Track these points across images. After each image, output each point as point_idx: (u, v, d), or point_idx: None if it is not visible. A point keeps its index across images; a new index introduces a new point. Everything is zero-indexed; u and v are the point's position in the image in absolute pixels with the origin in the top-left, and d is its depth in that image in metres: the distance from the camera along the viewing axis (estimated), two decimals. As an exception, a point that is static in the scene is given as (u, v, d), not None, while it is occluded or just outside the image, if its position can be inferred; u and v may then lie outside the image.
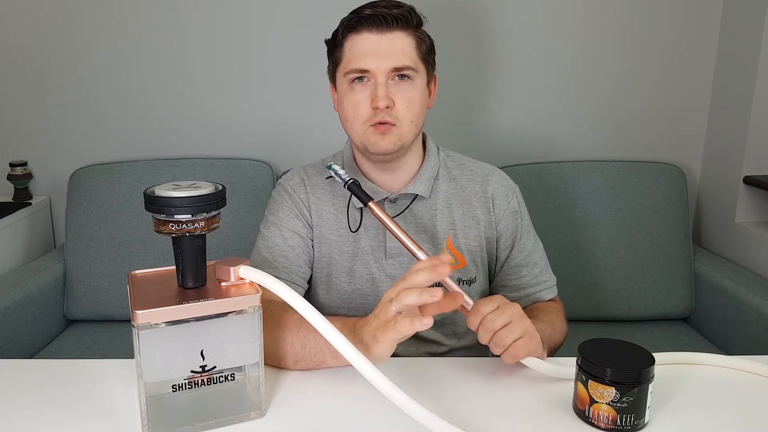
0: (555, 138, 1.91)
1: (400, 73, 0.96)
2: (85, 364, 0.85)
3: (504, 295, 0.86)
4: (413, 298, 0.71)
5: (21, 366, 0.88)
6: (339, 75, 1.00)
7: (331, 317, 0.77)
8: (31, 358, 1.56)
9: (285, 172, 1.17)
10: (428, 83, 1.02)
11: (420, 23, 0.99)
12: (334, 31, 1.00)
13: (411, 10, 0.97)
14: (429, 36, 1.01)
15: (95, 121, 1.88)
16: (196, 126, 1.89)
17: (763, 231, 1.69)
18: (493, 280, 1.10)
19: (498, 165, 1.14)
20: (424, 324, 0.70)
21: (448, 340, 1.06)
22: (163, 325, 0.65)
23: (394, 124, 0.96)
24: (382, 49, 0.94)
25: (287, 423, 0.72)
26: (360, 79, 0.97)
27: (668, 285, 1.73)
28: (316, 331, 0.73)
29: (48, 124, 1.89)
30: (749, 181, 1.73)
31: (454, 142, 1.12)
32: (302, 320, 0.71)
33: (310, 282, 1.06)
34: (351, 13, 0.98)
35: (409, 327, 0.71)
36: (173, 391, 0.69)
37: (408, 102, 0.96)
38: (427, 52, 1.00)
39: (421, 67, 0.98)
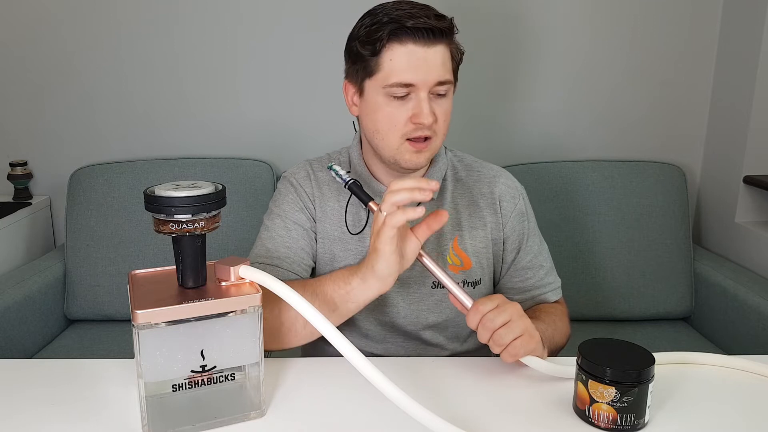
0: (555, 138, 1.91)
1: (440, 87, 0.92)
2: (85, 364, 0.85)
3: (509, 297, 0.86)
4: (402, 195, 0.78)
5: (21, 366, 0.88)
6: (373, 84, 0.94)
7: (335, 272, 0.89)
8: (31, 358, 1.56)
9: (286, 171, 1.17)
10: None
11: (455, 34, 0.96)
12: (369, 35, 0.92)
13: (452, 21, 0.94)
14: (461, 48, 0.98)
15: (95, 121, 1.88)
16: (196, 126, 1.89)
17: (763, 231, 1.69)
18: (499, 282, 1.09)
19: (498, 165, 1.14)
20: (417, 212, 0.77)
21: (451, 344, 1.06)
22: (163, 324, 0.65)
23: (431, 138, 0.94)
24: (427, 63, 0.90)
25: (287, 423, 0.72)
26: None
27: (668, 285, 1.73)
28: (321, 286, 0.86)
29: (48, 124, 1.88)
30: (749, 180, 1.73)
31: (454, 142, 1.12)
32: (304, 283, 0.85)
33: (312, 275, 1.06)
34: (385, 18, 0.91)
35: (400, 215, 0.77)
36: (173, 390, 0.69)
37: (445, 115, 0.95)
38: (458, 63, 0.98)
39: (452, 78, 0.96)
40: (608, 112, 1.89)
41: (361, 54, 0.93)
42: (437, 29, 0.90)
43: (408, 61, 0.90)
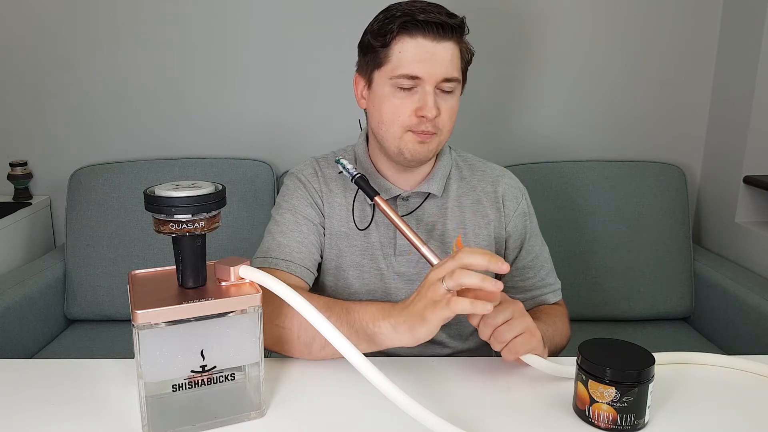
0: (555, 138, 1.91)
1: (447, 84, 0.94)
2: (85, 364, 0.85)
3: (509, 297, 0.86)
4: (473, 280, 0.72)
5: (21, 366, 0.87)
6: (381, 75, 0.96)
7: (367, 301, 0.85)
8: (31, 358, 1.56)
9: (286, 172, 1.16)
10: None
11: (466, 33, 0.97)
12: (381, 27, 0.94)
13: (463, 20, 0.96)
14: (471, 48, 0.99)
15: (95, 121, 1.88)
16: (196, 126, 1.89)
17: (763, 231, 1.69)
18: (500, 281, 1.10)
19: (499, 165, 1.15)
20: (486, 308, 0.71)
21: (453, 341, 1.06)
22: (163, 324, 0.65)
23: (435, 133, 0.96)
24: (435, 58, 0.92)
25: (287, 423, 0.72)
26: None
27: (668, 285, 1.73)
28: (354, 316, 0.82)
29: (48, 124, 1.88)
30: (749, 180, 1.73)
31: (455, 142, 1.12)
32: (336, 308, 0.82)
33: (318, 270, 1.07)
34: (398, 12, 0.93)
35: (468, 306, 0.72)
36: (173, 391, 0.69)
37: (450, 112, 0.96)
38: (468, 63, 0.99)
39: (460, 77, 0.98)
40: (608, 112, 1.89)
41: (372, 45, 0.96)
42: (447, 25, 0.92)
43: (416, 53, 0.92)
